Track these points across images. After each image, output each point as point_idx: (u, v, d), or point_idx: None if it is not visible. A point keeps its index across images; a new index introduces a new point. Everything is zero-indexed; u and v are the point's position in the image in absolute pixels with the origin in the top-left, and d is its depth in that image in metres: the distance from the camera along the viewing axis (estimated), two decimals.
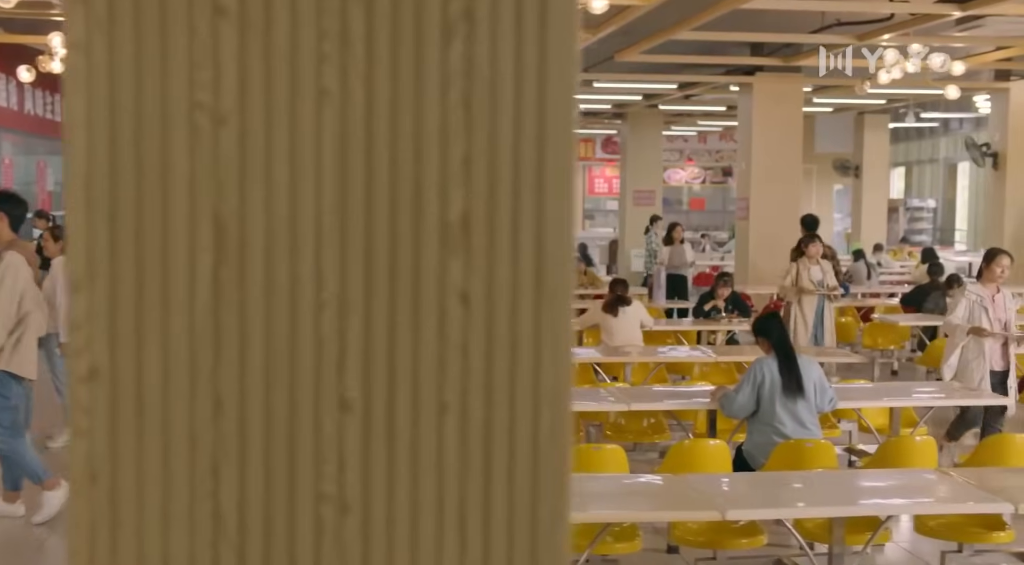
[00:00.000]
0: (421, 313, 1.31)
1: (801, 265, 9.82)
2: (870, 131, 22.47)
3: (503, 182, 1.32)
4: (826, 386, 5.84)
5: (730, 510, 3.86)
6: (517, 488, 1.35)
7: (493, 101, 1.31)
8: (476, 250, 1.31)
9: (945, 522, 4.84)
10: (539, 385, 1.36)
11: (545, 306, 1.34)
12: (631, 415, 6.74)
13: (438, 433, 1.32)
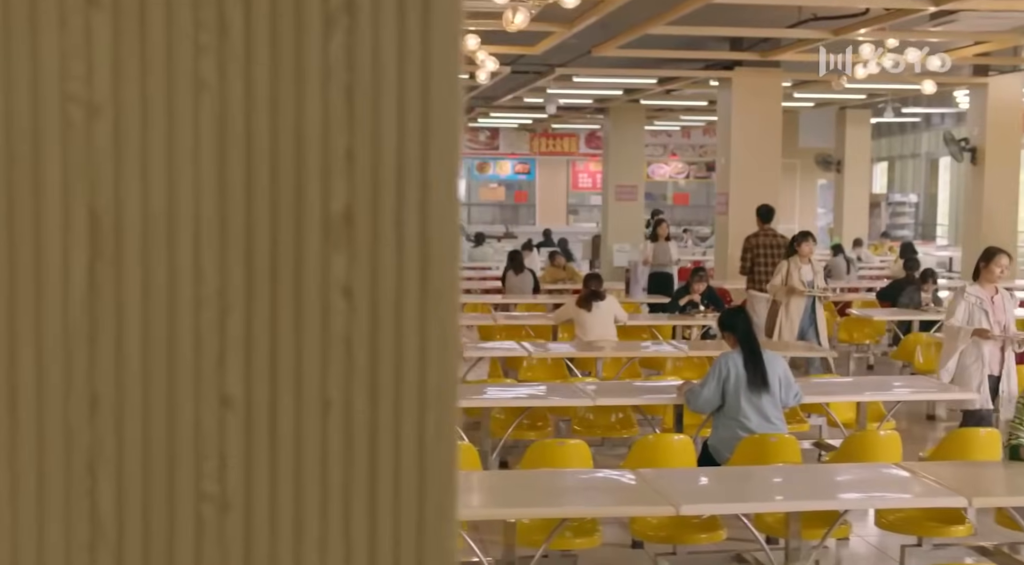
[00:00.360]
0: (304, 308, 1.29)
1: (792, 264, 9.53)
2: (852, 126, 22.52)
3: (387, 176, 1.30)
4: (791, 381, 5.85)
5: (684, 505, 3.86)
6: (403, 486, 1.33)
7: (376, 94, 1.29)
8: (360, 245, 1.29)
9: (904, 516, 4.84)
10: (425, 382, 1.34)
11: (431, 303, 1.32)
12: (600, 410, 6.73)
13: (322, 430, 1.31)
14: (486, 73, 11.22)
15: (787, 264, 9.57)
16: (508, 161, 29.25)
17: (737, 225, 15.05)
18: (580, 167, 29.62)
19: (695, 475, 4.61)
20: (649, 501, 3.92)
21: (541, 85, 16.28)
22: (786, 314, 9.44)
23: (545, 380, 7.94)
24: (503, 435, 6.17)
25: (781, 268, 9.60)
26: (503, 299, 12.19)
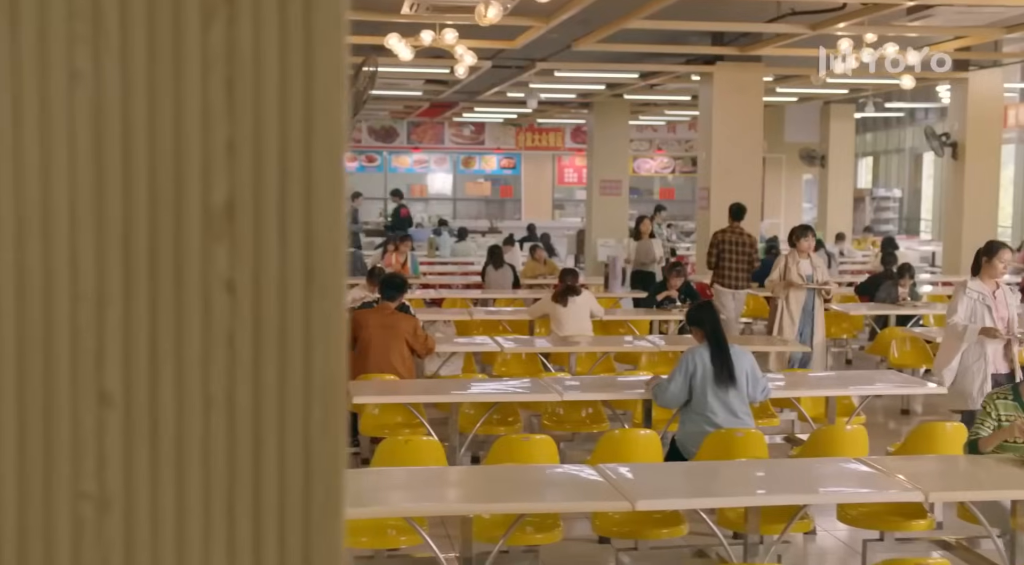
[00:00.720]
0: (184, 302, 1.27)
1: (790, 259, 9.34)
2: (836, 121, 22.54)
3: (269, 168, 1.28)
4: (759, 376, 5.84)
5: (640, 501, 3.85)
6: (288, 484, 1.31)
7: (257, 85, 1.27)
8: (242, 237, 1.27)
9: (866, 511, 4.84)
10: (310, 378, 1.32)
11: (316, 297, 1.30)
12: (570, 405, 6.72)
13: (204, 427, 1.29)
14: (464, 67, 11.19)
15: (785, 259, 9.38)
16: (493, 156, 29.20)
17: (719, 220, 15.02)
18: (566, 162, 29.60)
19: (657, 470, 4.60)
20: (606, 497, 3.90)
21: (523, 80, 16.25)
22: (787, 310, 9.21)
23: (519, 375, 7.93)
24: (471, 430, 6.16)
25: (779, 263, 9.43)
26: (482, 294, 12.16)
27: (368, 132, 28.17)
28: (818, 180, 23.92)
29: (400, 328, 7.10)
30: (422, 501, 4.03)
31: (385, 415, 6.54)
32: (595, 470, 4.25)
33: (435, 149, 28.70)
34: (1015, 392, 4.67)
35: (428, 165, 28.97)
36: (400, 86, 18.28)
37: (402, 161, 28.72)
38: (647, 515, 4.66)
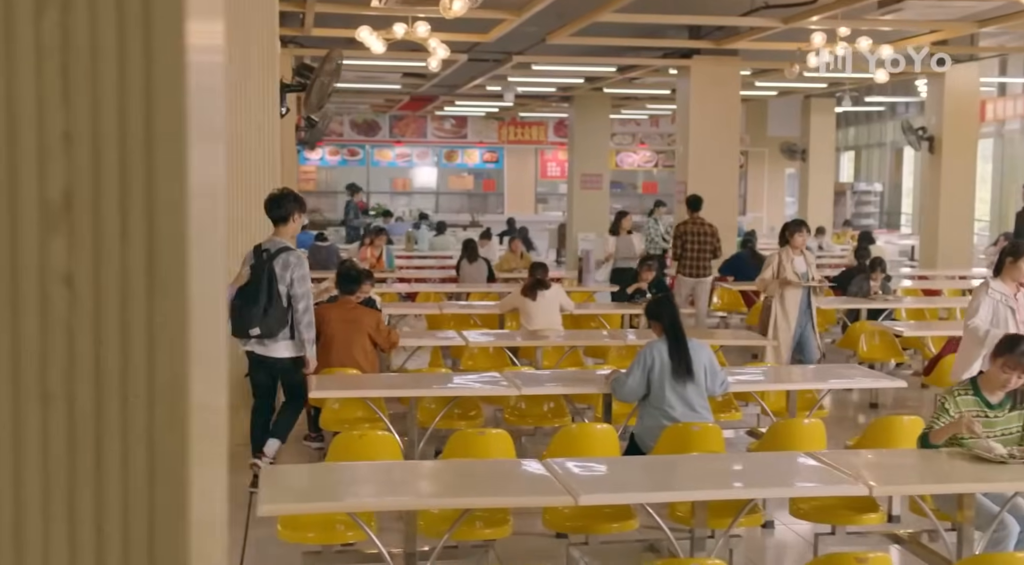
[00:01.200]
0: (20, 296, 1.24)
1: (784, 256, 8.79)
2: (816, 115, 22.56)
3: (108, 158, 1.25)
4: (717, 370, 5.82)
5: (584, 495, 3.83)
6: (131, 484, 1.28)
7: (94, 73, 1.24)
8: (80, 230, 1.24)
9: (818, 505, 4.83)
10: (154, 375, 1.29)
11: (159, 292, 1.27)
12: (532, 400, 6.70)
13: (42, 425, 1.26)
14: (437, 60, 11.14)
15: (778, 255, 8.85)
16: (476, 150, 29.14)
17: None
18: (548, 156, 29.56)
19: (605, 465, 4.58)
20: (550, 492, 3.88)
21: (501, 73, 16.22)
22: (782, 310, 8.75)
23: (485, 369, 7.90)
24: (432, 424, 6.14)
25: (772, 260, 8.88)
26: (457, 288, 12.13)
27: (350, 125, 28.09)
28: (799, 174, 23.94)
29: (363, 322, 7.07)
30: (365, 496, 4.00)
31: (346, 409, 6.51)
32: (543, 465, 4.23)
33: (417, 143, 28.63)
34: (975, 387, 4.65)
35: (410, 159, 28.90)
36: (378, 79, 18.24)
37: (384, 155, 28.65)
38: (598, 510, 4.65)
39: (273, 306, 6.09)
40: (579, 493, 3.83)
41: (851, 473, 4.13)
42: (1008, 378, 4.55)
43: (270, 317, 6.09)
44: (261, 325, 6.11)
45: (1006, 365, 4.54)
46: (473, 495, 4.00)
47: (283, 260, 6.13)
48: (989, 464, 4.32)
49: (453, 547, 4.61)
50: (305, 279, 6.19)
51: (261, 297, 6.05)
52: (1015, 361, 4.52)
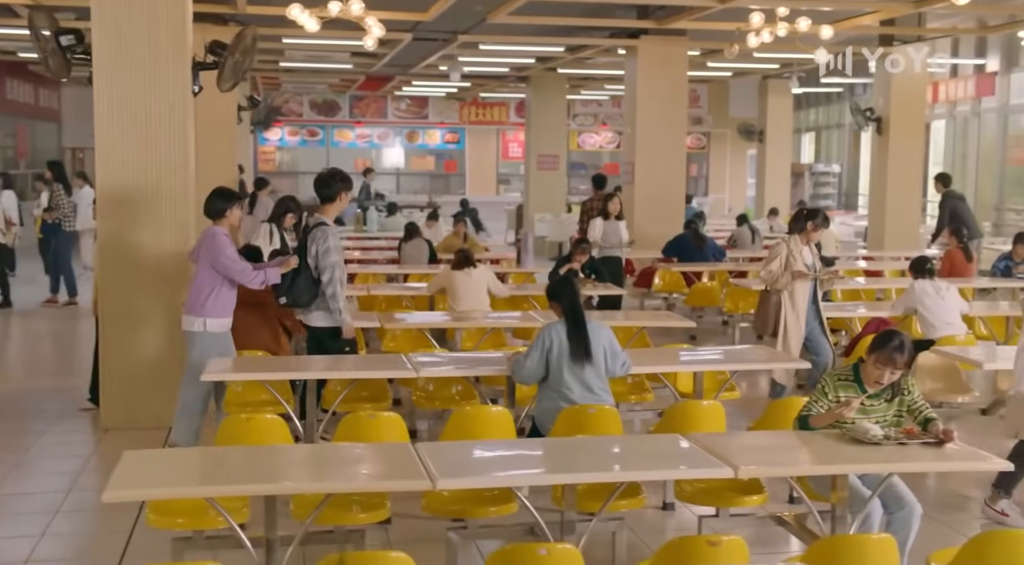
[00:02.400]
0: None
1: (793, 245, 8.07)
2: (773, 96, 22.52)
3: None
4: (617, 351, 5.78)
5: (442, 479, 3.78)
6: None
7: None
8: None
9: (702, 487, 4.81)
10: None
11: None
12: (441, 382, 6.65)
13: None
14: (373, 39, 11.02)
15: (786, 246, 8.10)
16: (437, 130, 28.99)
17: (644, 194, 15.01)
18: (510, 136, 29.44)
19: (487, 447, 4.53)
20: (410, 475, 3.83)
21: (451, 53, 16.10)
22: (791, 305, 8.02)
23: (405, 351, 7.85)
24: (332, 407, 6.08)
25: (779, 251, 8.11)
26: (398, 269, 12.05)
27: (310, 106, 27.85)
28: (756, 155, 23.95)
29: (270, 304, 6.99)
30: (223, 483, 3.93)
31: (251, 392, 6.43)
32: (414, 449, 4.17)
33: (378, 123, 28.44)
34: (856, 374, 4.62)
35: (371, 140, 28.72)
36: (326, 59, 18.06)
37: (344, 135, 28.45)
38: (478, 493, 4.60)
39: (301, 276, 6.52)
40: (438, 478, 3.78)
41: (722, 456, 4.10)
42: (881, 373, 4.53)
43: (296, 287, 6.52)
44: (287, 294, 6.58)
45: (878, 361, 4.52)
46: (332, 480, 3.94)
47: (314, 235, 6.56)
48: (863, 446, 4.30)
49: (328, 532, 4.56)
50: (329, 252, 6.50)
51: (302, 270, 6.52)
52: (887, 357, 4.49)
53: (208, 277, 6.46)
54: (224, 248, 6.44)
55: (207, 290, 6.46)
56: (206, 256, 6.47)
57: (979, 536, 3.69)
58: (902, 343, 4.48)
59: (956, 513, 5.86)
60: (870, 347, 4.59)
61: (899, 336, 4.51)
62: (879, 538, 3.62)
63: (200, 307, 6.45)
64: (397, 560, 3.35)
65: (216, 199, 6.66)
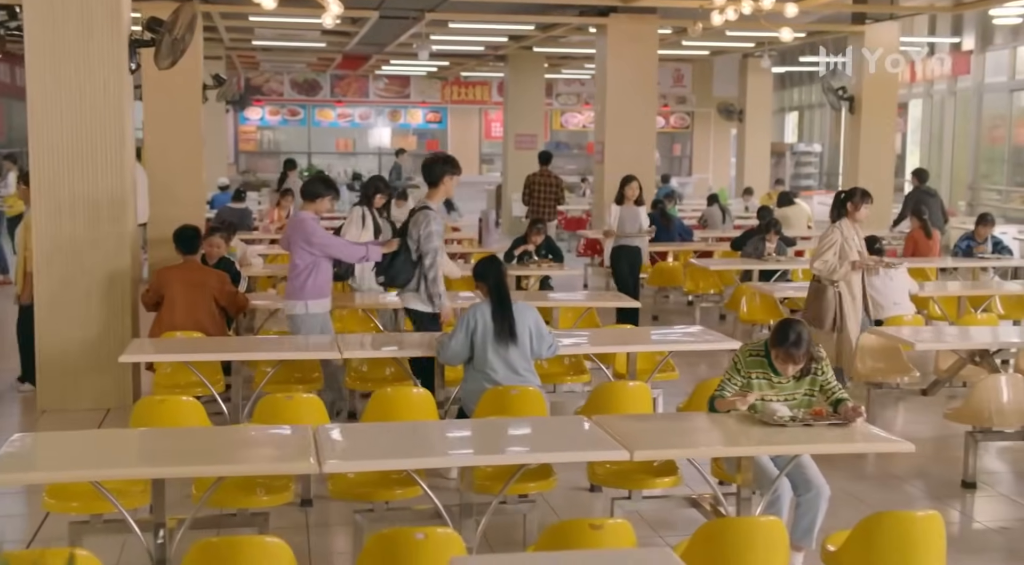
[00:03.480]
0: None
1: (845, 230, 7.45)
2: (753, 75, 22.39)
3: None
4: (544, 333, 5.71)
5: (328, 461, 3.72)
6: None
7: None
8: None
9: (614, 470, 4.76)
10: None
11: None
12: (375, 363, 6.59)
13: None
14: (332, 16, 10.90)
15: (839, 233, 7.45)
16: (419, 110, 28.86)
17: (614, 174, 14.86)
18: (493, 116, 29.28)
19: (395, 429, 4.46)
20: (299, 458, 3.77)
21: (421, 31, 15.95)
22: (850, 296, 7.42)
23: (353, 331, 7.79)
24: (258, 389, 6.02)
25: (832, 239, 7.43)
26: None
27: (291, 85, 27.69)
28: (736, 135, 23.85)
29: (207, 284, 6.92)
30: (113, 466, 3.87)
31: (180, 374, 6.37)
32: (315, 431, 4.10)
33: (359, 103, 28.29)
34: (767, 351, 4.57)
35: (352, 119, 28.57)
36: (297, 37, 17.92)
37: (326, 115, 28.30)
38: (385, 475, 4.55)
39: (399, 258, 6.58)
40: (325, 459, 3.73)
41: (621, 438, 4.04)
42: (785, 368, 4.48)
43: (394, 267, 6.59)
44: (385, 274, 6.67)
45: (778, 358, 4.47)
46: (224, 463, 3.89)
47: (416, 218, 6.61)
48: (770, 427, 4.25)
49: (232, 515, 4.51)
50: (431, 237, 6.52)
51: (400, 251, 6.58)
52: (786, 354, 4.44)
53: (304, 261, 6.60)
54: (316, 230, 6.63)
55: (305, 273, 6.59)
56: (299, 241, 6.62)
57: (869, 518, 3.63)
58: (799, 337, 4.42)
59: (890, 493, 5.83)
60: (770, 340, 4.52)
61: (795, 331, 4.43)
62: (767, 521, 3.57)
63: (300, 290, 6.57)
64: (272, 545, 3.29)
65: (317, 183, 6.85)
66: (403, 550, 3.32)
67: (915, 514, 3.65)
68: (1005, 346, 6.80)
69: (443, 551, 3.30)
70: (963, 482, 5.87)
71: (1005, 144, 17.24)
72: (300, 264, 6.60)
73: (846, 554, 3.70)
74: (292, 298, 6.62)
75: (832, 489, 5.77)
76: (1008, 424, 5.82)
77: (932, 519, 3.63)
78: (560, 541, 3.42)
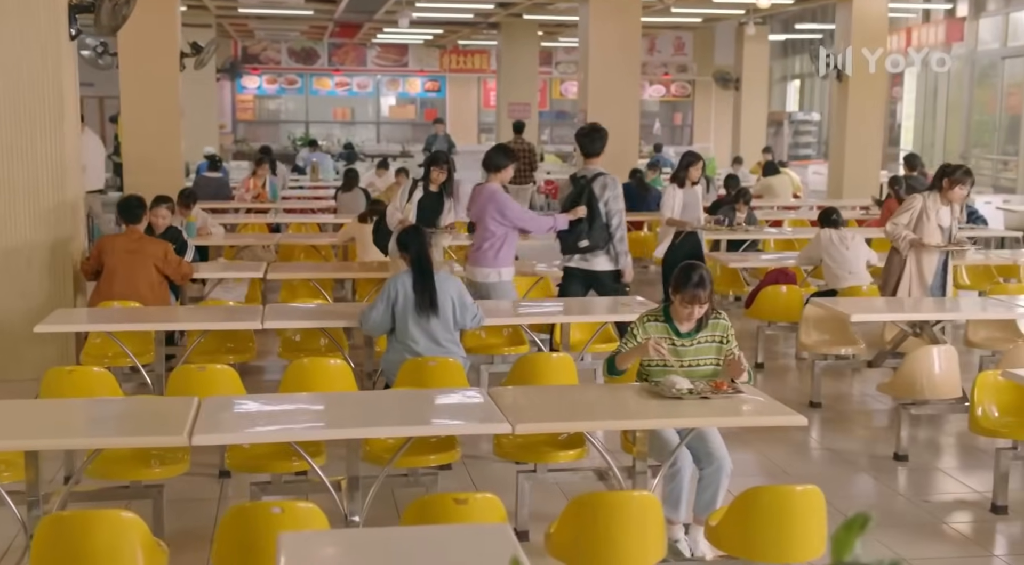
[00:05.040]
0: None
1: (929, 201, 7.04)
2: (749, 43, 22.14)
3: None
4: (467, 303, 5.64)
5: (197, 435, 3.66)
6: None
7: None
8: None
9: (520, 443, 4.69)
10: None
11: None
12: (309, 334, 6.53)
13: None
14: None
15: (920, 201, 7.09)
16: (418, 78, 28.67)
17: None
18: (491, 85, 29.02)
19: (284, 401, 4.38)
20: (168, 431, 3.71)
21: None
22: (917, 272, 7.11)
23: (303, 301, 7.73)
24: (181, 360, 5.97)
25: (910, 206, 7.11)
26: (335, 219, 11.90)
27: (288, 53, 27.53)
28: (728, 104, 23.62)
29: (147, 253, 6.86)
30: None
31: (110, 344, 6.32)
32: (198, 403, 4.03)
33: (357, 71, 28.13)
34: (666, 314, 4.48)
35: (350, 88, 28.41)
36: (282, 4, 17.77)
37: (323, 84, 28.15)
38: (284, 447, 4.49)
39: (596, 222, 7.00)
40: (195, 433, 3.67)
41: (509, 411, 3.97)
42: (689, 311, 4.39)
43: (595, 231, 7.00)
44: (589, 238, 7.02)
45: (683, 300, 4.38)
46: (96, 435, 3.83)
47: (600, 183, 7.07)
48: (665, 400, 4.16)
49: (124, 487, 4.47)
50: (618, 198, 7.07)
51: (595, 216, 6.99)
52: (691, 294, 4.35)
53: (498, 231, 6.82)
54: (508, 202, 6.91)
55: (497, 243, 6.83)
56: (492, 212, 6.83)
57: (746, 492, 3.56)
58: (702, 278, 4.34)
59: (816, 466, 5.76)
60: (672, 286, 4.44)
61: (698, 271, 4.36)
62: (638, 495, 3.50)
63: (494, 259, 6.83)
64: (126, 520, 3.23)
65: (500, 155, 7.02)
66: (261, 525, 3.25)
67: (793, 489, 3.57)
68: (940, 318, 6.67)
69: (303, 526, 3.24)
70: (895, 455, 5.79)
71: (996, 112, 17.00)
72: (497, 233, 6.83)
73: (724, 528, 3.64)
74: (485, 266, 6.87)
75: (762, 462, 5.73)
76: (940, 396, 5.73)
77: (811, 494, 3.55)
78: (424, 516, 3.35)
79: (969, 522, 4.97)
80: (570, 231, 6.99)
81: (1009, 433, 5.05)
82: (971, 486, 5.38)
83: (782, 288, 7.80)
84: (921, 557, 4.53)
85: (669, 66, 29.47)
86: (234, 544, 3.21)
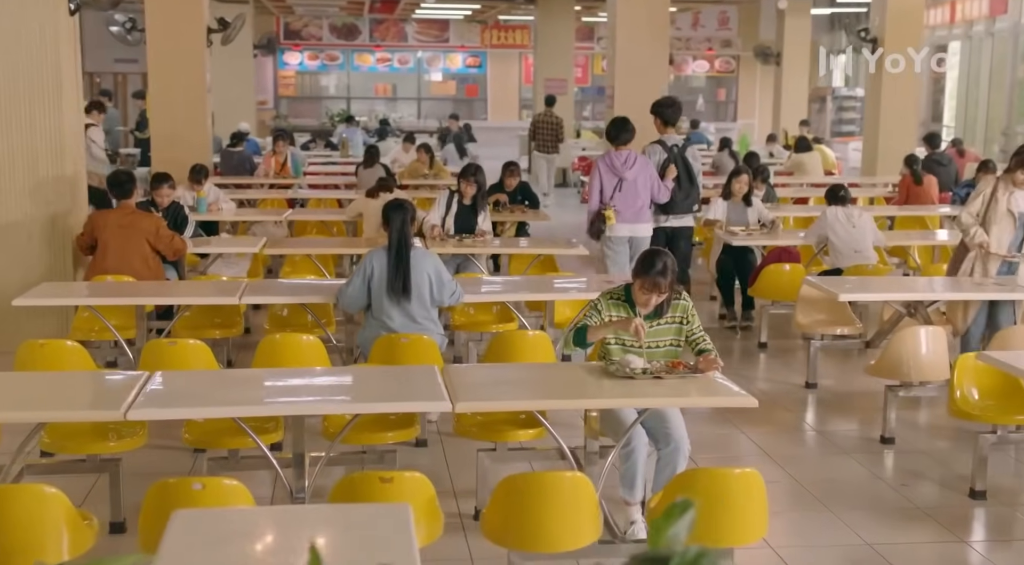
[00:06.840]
0: None
1: (1000, 186, 6.47)
2: (791, 17, 21.76)
3: None
4: (445, 280, 5.58)
5: (132, 411, 3.65)
6: None
7: None
8: None
9: (481, 422, 4.64)
10: None
11: None
12: (296, 310, 6.52)
13: None
14: None
15: (994, 184, 6.52)
16: (458, 54, 28.58)
17: None
18: (532, 61, 28.89)
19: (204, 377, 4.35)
20: (108, 406, 3.71)
21: None
22: (981, 263, 6.54)
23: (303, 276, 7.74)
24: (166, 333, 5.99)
25: (979, 190, 6.60)
26: (355, 194, 11.90)
27: (329, 29, 27.58)
28: (773, 79, 23.25)
29: (139, 227, 6.88)
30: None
31: (96, 318, 6.36)
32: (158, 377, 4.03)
33: (398, 47, 28.10)
34: (628, 295, 4.40)
35: (391, 63, 28.40)
36: None
37: (364, 59, 28.18)
38: (227, 424, 4.47)
39: (693, 186, 8.12)
40: (131, 408, 3.66)
41: (456, 389, 3.91)
42: (648, 298, 4.30)
43: (692, 196, 8.11)
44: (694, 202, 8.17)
45: (643, 286, 4.29)
46: (43, 409, 3.85)
47: (691, 152, 8.34)
48: (617, 380, 4.09)
49: (81, 461, 4.49)
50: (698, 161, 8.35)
51: (683, 181, 8.06)
52: (651, 282, 4.26)
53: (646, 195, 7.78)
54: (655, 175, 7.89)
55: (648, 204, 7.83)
56: (648, 179, 7.79)
57: (683, 474, 3.51)
58: (664, 266, 4.25)
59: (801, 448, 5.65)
60: (634, 271, 4.37)
61: (661, 259, 4.27)
62: (570, 476, 3.44)
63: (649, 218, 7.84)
64: (49, 495, 3.24)
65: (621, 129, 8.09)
66: (182, 501, 3.23)
67: (731, 471, 3.48)
68: (933, 298, 6.48)
69: (225, 502, 3.23)
70: (881, 437, 5.66)
71: None
72: (646, 196, 7.78)
73: (661, 510, 3.55)
74: (647, 221, 7.80)
75: (743, 443, 5.64)
76: (926, 378, 5.58)
77: (750, 477, 3.46)
78: (350, 494, 3.32)
79: (946, 507, 4.84)
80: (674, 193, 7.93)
81: (988, 417, 4.90)
82: (954, 470, 5.24)
83: (785, 266, 7.65)
84: (892, 542, 4.42)
85: (713, 41, 29.11)
86: (154, 520, 3.20)
